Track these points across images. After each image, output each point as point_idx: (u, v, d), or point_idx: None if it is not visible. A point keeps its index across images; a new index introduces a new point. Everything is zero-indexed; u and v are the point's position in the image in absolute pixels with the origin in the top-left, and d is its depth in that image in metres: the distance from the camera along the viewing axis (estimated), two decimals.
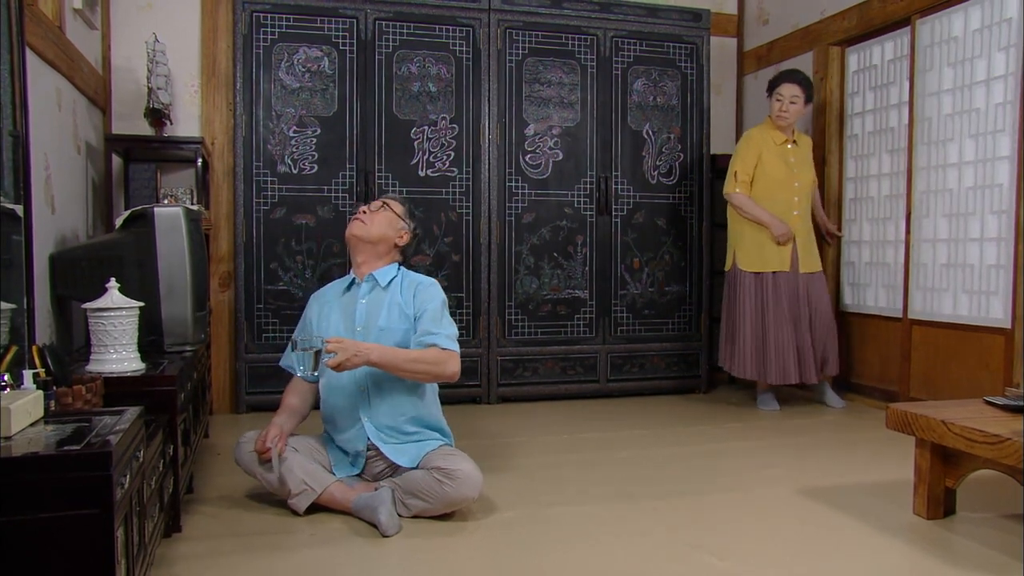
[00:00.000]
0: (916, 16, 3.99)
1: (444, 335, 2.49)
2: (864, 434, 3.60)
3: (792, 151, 4.13)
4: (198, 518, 2.45)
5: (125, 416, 1.66)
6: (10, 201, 2.06)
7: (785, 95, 4.04)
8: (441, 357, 2.46)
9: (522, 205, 4.32)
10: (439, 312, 2.52)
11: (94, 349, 2.22)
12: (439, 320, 2.51)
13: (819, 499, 2.65)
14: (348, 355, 2.31)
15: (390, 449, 2.51)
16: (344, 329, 2.54)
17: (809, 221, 4.16)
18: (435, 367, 2.45)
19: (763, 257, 4.08)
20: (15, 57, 2.11)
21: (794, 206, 4.10)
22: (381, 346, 2.44)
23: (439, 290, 2.59)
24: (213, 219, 4.06)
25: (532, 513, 2.52)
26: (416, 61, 4.16)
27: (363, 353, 2.35)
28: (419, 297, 2.54)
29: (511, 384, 4.34)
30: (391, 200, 2.69)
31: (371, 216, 2.62)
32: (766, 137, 4.12)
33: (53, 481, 1.33)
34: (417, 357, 2.45)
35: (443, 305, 2.56)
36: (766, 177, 4.09)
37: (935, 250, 3.90)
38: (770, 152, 4.10)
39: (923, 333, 3.98)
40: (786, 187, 4.11)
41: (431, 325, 2.50)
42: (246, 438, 2.56)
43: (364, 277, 2.60)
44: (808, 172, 4.16)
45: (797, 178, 4.11)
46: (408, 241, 2.68)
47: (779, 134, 4.11)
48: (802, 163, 4.15)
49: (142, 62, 3.89)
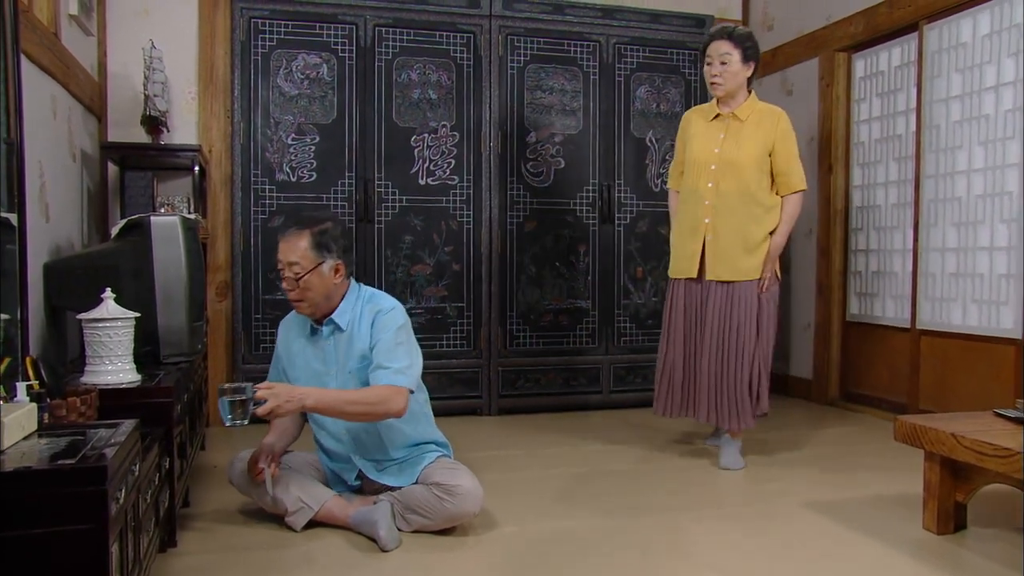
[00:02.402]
0: (924, 21, 4.00)
1: (393, 370, 2.34)
2: (871, 446, 3.59)
3: (725, 126, 3.23)
4: (194, 533, 2.44)
5: (120, 429, 1.66)
6: (4, 210, 2.06)
7: (714, 55, 3.18)
8: (384, 395, 2.31)
9: (524, 214, 4.33)
10: (391, 342, 2.38)
11: (89, 360, 2.22)
12: (391, 351, 2.37)
13: (826, 513, 2.64)
14: (280, 401, 2.20)
15: (386, 477, 2.51)
16: (313, 372, 2.49)
17: (740, 214, 3.17)
18: (376, 407, 2.31)
19: (675, 258, 3.37)
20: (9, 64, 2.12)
21: (704, 193, 3.20)
22: (318, 390, 2.35)
23: (397, 315, 2.44)
24: (210, 228, 4.06)
25: (534, 528, 2.51)
26: (416, 68, 4.17)
27: (296, 399, 2.23)
28: (375, 327, 2.41)
29: (512, 395, 4.33)
30: (293, 247, 2.39)
31: (301, 292, 2.40)
32: (700, 114, 3.36)
33: (47, 496, 1.33)
34: (356, 399, 2.33)
35: (397, 332, 2.40)
36: (687, 163, 3.32)
37: (944, 259, 3.90)
38: (697, 130, 3.31)
39: (932, 344, 3.97)
40: (699, 169, 3.24)
41: (381, 358, 2.37)
42: (239, 457, 2.55)
43: (324, 323, 2.49)
44: (746, 150, 3.17)
45: (718, 158, 3.19)
46: (345, 268, 2.47)
47: (713, 107, 3.30)
48: (739, 140, 3.19)
49: (139, 69, 3.89)
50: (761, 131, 3.19)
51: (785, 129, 3.21)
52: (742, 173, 3.15)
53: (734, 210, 3.16)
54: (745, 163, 3.15)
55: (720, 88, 3.19)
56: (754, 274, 3.18)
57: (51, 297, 2.69)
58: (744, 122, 3.20)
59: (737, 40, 3.16)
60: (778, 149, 3.19)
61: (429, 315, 4.19)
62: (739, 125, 3.20)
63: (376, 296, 2.52)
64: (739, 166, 3.15)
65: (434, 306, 4.20)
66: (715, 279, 3.18)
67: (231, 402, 2.12)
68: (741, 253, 3.16)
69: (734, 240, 3.16)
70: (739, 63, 3.16)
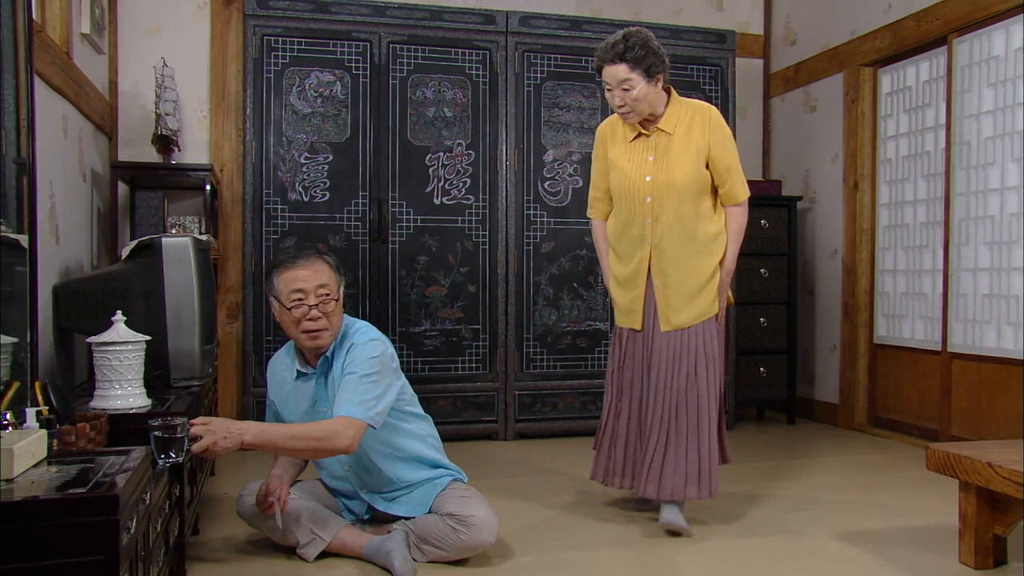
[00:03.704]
0: (953, 35, 3.99)
1: (353, 403, 2.25)
2: (902, 474, 3.55)
3: (652, 146, 2.80)
4: (204, 564, 2.43)
5: (132, 456, 1.66)
6: (13, 230, 2.08)
7: (612, 82, 2.72)
8: (331, 429, 2.21)
9: (541, 234, 4.33)
10: (359, 374, 2.30)
11: (98, 384, 2.22)
12: (356, 382, 2.28)
13: (858, 544, 2.60)
14: (216, 438, 2.09)
15: (396, 507, 2.49)
16: (306, 414, 2.45)
17: (687, 250, 2.78)
18: (322, 442, 2.21)
19: (618, 309, 2.97)
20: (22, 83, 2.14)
21: (643, 232, 2.80)
22: (258, 424, 2.26)
23: (370, 347, 2.36)
24: (221, 248, 4.09)
25: (552, 557, 2.49)
26: (431, 85, 4.20)
27: (234, 435, 2.11)
28: (347, 358, 2.36)
29: (529, 420, 4.31)
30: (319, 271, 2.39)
31: (328, 319, 2.36)
32: (619, 131, 2.89)
33: (57, 526, 1.33)
34: (300, 433, 2.23)
35: (368, 363, 2.31)
36: (615, 194, 2.90)
37: (976, 280, 3.86)
38: (619, 152, 2.87)
39: (964, 367, 3.93)
40: (632, 204, 2.82)
41: (344, 391, 2.29)
42: (247, 490, 2.53)
43: (319, 363, 2.43)
44: (682, 168, 2.75)
45: (652, 187, 2.77)
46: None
47: (633, 124, 2.84)
48: (670, 158, 2.76)
49: (150, 87, 3.94)
50: (692, 140, 2.76)
51: (717, 128, 2.78)
52: (682, 201, 2.75)
53: (679, 247, 2.77)
54: (683, 186, 2.74)
55: (632, 116, 2.76)
56: (710, 312, 2.79)
57: (60, 320, 2.70)
58: (673, 134, 2.77)
59: (632, 62, 2.67)
60: (715, 155, 2.76)
61: (444, 337, 4.19)
62: (667, 139, 2.77)
63: (355, 327, 2.45)
64: (677, 191, 2.74)
65: (449, 328, 4.20)
66: (669, 328, 2.78)
67: (161, 438, 1.93)
68: (694, 294, 2.78)
69: (683, 281, 2.77)
70: (644, 84, 2.69)
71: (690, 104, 2.84)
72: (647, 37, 2.74)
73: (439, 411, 4.02)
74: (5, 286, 2.02)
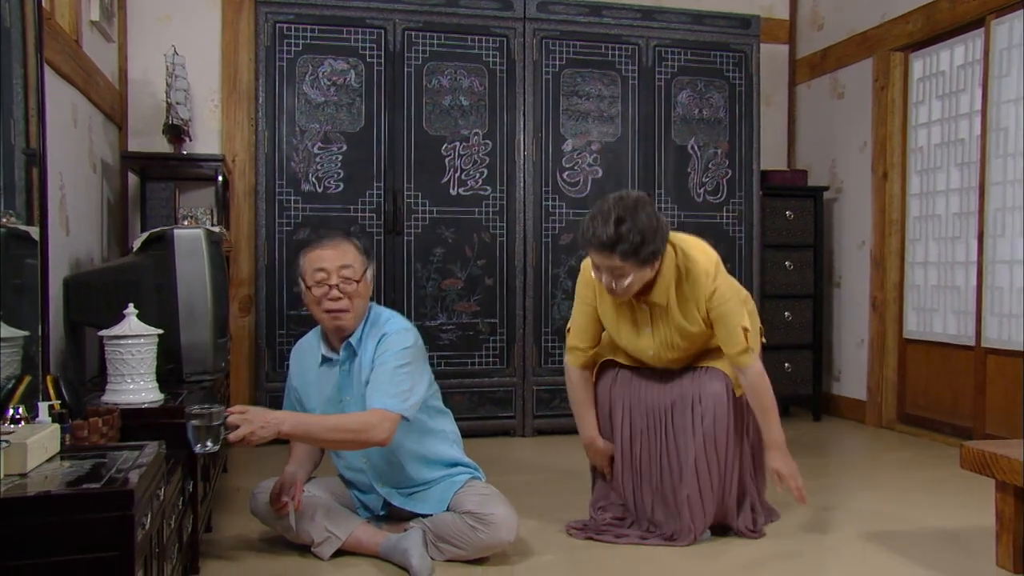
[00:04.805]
0: (991, 16, 3.93)
1: (388, 394, 2.27)
2: (934, 473, 3.51)
3: (647, 314, 2.62)
4: (218, 561, 2.44)
5: (145, 451, 1.67)
6: (23, 222, 2.08)
7: (601, 265, 2.46)
8: (368, 422, 2.24)
9: (559, 225, 4.32)
10: (392, 364, 2.32)
11: (110, 379, 2.23)
12: (390, 374, 2.30)
13: (888, 546, 2.58)
14: (253, 427, 2.11)
15: (413, 503, 2.49)
16: (329, 401, 2.47)
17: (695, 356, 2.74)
18: (359, 434, 2.24)
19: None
20: (31, 72, 2.15)
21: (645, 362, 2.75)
22: (295, 414, 2.33)
23: (403, 337, 2.38)
24: (233, 240, 4.10)
25: (571, 556, 2.48)
26: (447, 73, 4.18)
27: (272, 424, 2.14)
28: (379, 348, 2.37)
29: (547, 416, 4.30)
30: (343, 251, 2.41)
31: (350, 300, 2.37)
32: None
33: (71, 522, 1.33)
34: (337, 424, 2.27)
35: (400, 354, 2.34)
36: (609, 336, 2.79)
37: (1012, 272, 3.82)
38: (606, 304, 2.67)
39: (999, 363, 3.88)
40: (631, 350, 2.73)
41: (377, 380, 2.31)
42: (260, 488, 2.53)
43: (342, 347, 2.44)
44: (685, 328, 2.59)
45: (654, 346, 2.64)
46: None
47: None
48: (669, 322, 2.59)
49: (160, 76, 3.95)
50: (689, 310, 2.57)
51: (714, 298, 2.55)
52: (691, 346, 2.65)
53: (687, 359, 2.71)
54: (690, 337, 2.61)
55: (622, 296, 2.53)
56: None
57: (71, 313, 2.72)
58: (667, 306, 2.57)
59: (623, 254, 2.37)
60: (716, 331, 2.59)
61: (461, 331, 4.19)
62: (661, 309, 2.58)
63: (385, 316, 2.47)
64: (685, 341, 2.62)
65: (466, 322, 4.20)
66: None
67: (198, 427, 1.96)
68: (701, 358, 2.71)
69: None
70: (637, 270, 2.43)
71: (681, 268, 2.57)
72: (643, 224, 2.38)
73: (455, 406, 3.99)
74: (16, 279, 2.03)
